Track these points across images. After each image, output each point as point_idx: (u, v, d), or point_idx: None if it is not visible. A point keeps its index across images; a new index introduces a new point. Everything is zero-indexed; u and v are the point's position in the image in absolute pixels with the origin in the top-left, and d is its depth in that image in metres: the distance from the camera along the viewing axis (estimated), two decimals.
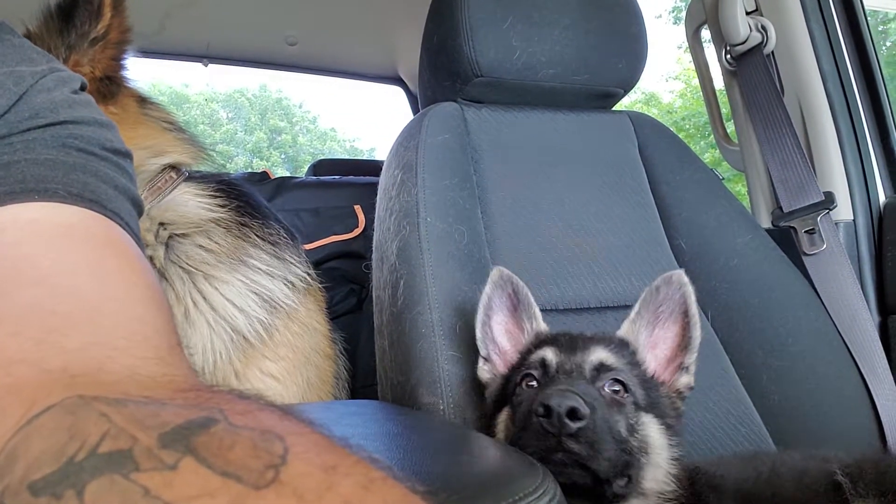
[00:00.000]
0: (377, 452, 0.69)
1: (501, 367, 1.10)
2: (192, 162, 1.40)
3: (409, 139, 1.45)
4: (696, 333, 1.05)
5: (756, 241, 1.55)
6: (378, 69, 3.06)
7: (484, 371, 1.11)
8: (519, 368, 1.03)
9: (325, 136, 23.24)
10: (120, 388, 0.45)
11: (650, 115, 1.87)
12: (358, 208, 2.33)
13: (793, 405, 1.35)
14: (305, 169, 3.14)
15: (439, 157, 1.41)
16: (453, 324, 1.19)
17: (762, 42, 1.72)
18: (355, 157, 22.66)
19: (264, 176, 2.38)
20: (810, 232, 1.58)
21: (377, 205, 1.49)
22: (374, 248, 1.46)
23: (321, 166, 2.93)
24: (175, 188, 1.35)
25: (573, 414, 0.80)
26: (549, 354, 0.99)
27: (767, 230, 1.64)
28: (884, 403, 1.33)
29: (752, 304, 1.46)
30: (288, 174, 2.71)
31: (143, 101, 1.38)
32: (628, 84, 1.67)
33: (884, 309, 1.59)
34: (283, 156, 21.65)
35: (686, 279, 1.06)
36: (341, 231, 2.27)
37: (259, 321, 1.31)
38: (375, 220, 1.48)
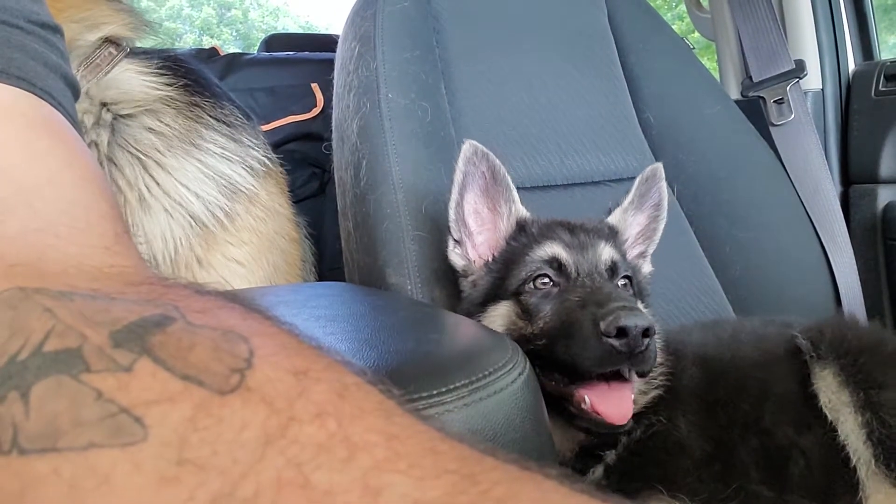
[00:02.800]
0: (345, 334, 0.68)
1: (473, 252, 1.07)
2: (132, 35, 1.28)
3: (365, 7, 1.35)
4: (661, 227, 1.12)
5: (725, 112, 1.52)
6: None
7: (455, 255, 1.07)
8: (513, 261, 1.00)
9: (277, 12, 21.97)
10: (64, 279, 0.41)
11: None
12: (315, 86, 2.21)
13: (753, 275, 1.38)
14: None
15: (399, 26, 1.33)
16: (419, 203, 1.16)
17: None
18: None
19: (213, 52, 2.23)
20: (779, 102, 1.56)
21: (335, 80, 1.41)
22: (333, 128, 1.40)
23: (274, 42, 2.76)
24: (115, 65, 1.25)
25: (646, 332, 0.80)
26: (561, 253, 0.96)
27: (736, 101, 1.61)
28: (842, 271, 1.37)
29: (718, 176, 1.46)
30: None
31: None
32: None
33: (846, 179, 1.60)
34: (233, 32, 20.47)
35: (662, 173, 1.11)
36: (299, 111, 2.17)
37: (218, 206, 1.26)
38: (334, 97, 1.41)
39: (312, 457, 0.29)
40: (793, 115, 1.53)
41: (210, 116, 1.30)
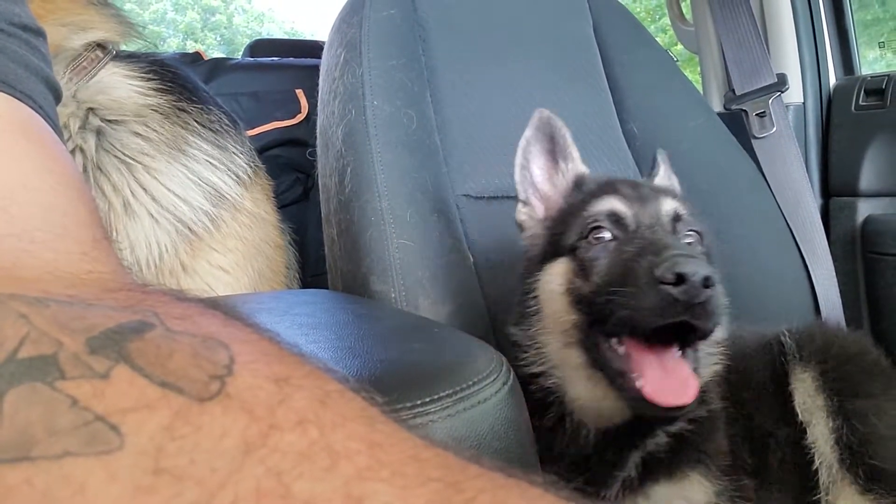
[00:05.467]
0: (328, 342, 0.67)
1: (541, 212, 1.06)
2: (119, 39, 1.27)
3: (352, 14, 1.35)
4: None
5: (708, 124, 1.54)
6: None
7: (522, 214, 1.07)
8: (571, 217, 0.95)
9: (261, 17, 21.92)
10: (40, 285, 0.40)
11: None
12: (300, 92, 2.21)
13: (734, 286, 1.38)
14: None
15: (385, 33, 1.33)
16: (404, 212, 1.16)
17: None
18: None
19: (197, 57, 2.21)
20: (761, 115, 1.58)
21: (320, 86, 1.40)
22: (318, 134, 1.40)
23: (258, 47, 2.74)
24: (102, 68, 1.23)
25: (706, 281, 0.74)
26: (619, 205, 0.91)
27: (718, 114, 1.63)
28: (822, 283, 1.39)
29: (700, 188, 1.47)
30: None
31: None
32: None
33: (826, 191, 1.62)
34: (218, 37, 20.38)
35: None
36: (283, 117, 2.17)
37: (205, 213, 1.26)
38: (318, 104, 1.40)
39: (293, 465, 0.29)
40: (774, 129, 1.55)
41: (197, 122, 1.29)
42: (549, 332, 0.91)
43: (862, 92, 1.58)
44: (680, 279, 0.74)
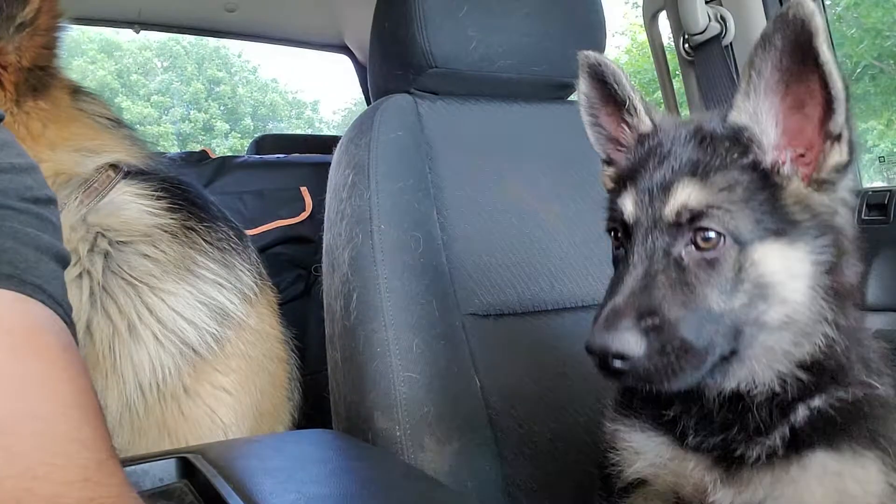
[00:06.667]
0: None
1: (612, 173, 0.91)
2: (133, 161, 1.29)
3: (360, 136, 1.37)
4: (838, 84, 0.70)
5: None
6: (323, 37, 2.90)
7: (606, 178, 0.91)
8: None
9: (265, 87, 22.45)
10: None
11: None
12: (304, 190, 2.23)
13: None
14: (245, 122, 2.99)
15: (393, 156, 1.34)
16: (410, 342, 1.14)
17: (721, 33, 1.68)
18: (297, 108, 22.02)
19: (204, 155, 2.24)
20: None
21: (326, 204, 1.41)
22: (324, 252, 1.40)
23: (264, 142, 2.80)
24: (113, 188, 1.25)
25: (621, 356, 0.67)
26: (629, 206, 0.76)
27: None
28: None
29: None
30: (228, 127, 2.57)
31: (76, 92, 1.26)
32: None
33: None
34: (222, 107, 20.84)
35: (809, 9, 0.68)
36: (287, 215, 2.18)
37: (210, 333, 1.25)
38: (325, 221, 1.41)
39: None
40: None
41: (205, 241, 1.30)
42: None
43: (865, 206, 1.59)
44: (592, 353, 0.69)
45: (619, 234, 0.80)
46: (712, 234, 0.72)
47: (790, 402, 0.76)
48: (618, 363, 0.68)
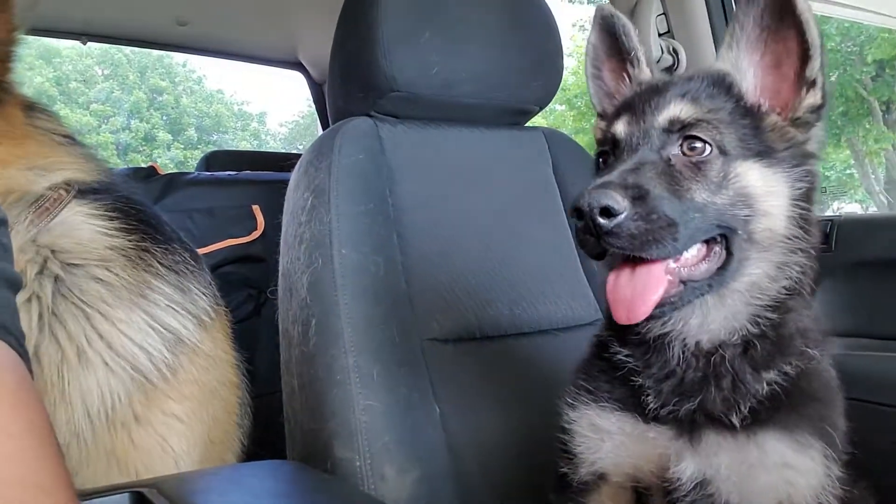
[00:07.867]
0: None
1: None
2: (87, 179, 1.23)
3: (319, 158, 1.35)
4: (814, 32, 0.80)
5: None
6: (278, 54, 2.86)
7: (600, 131, 0.96)
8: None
9: (211, 98, 21.99)
10: None
11: None
12: (256, 208, 2.18)
13: None
14: (189, 133, 2.92)
15: (354, 179, 1.33)
16: (370, 369, 1.13)
17: (673, 65, 1.74)
18: (243, 120, 21.65)
19: (152, 171, 2.18)
20: None
21: (283, 227, 1.39)
22: (280, 275, 1.37)
23: (215, 159, 2.73)
24: (64, 208, 1.19)
25: (606, 212, 0.72)
26: (621, 127, 0.85)
27: None
28: None
29: None
30: (170, 138, 2.51)
31: (30, 108, 1.20)
32: (545, 101, 1.65)
33: None
34: (164, 117, 20.30)
35: None
36: (239, 233, 2.13)
37: (162, 360, 1.20)
38: (282, 244, 1.38)
39: None
40: None
41: (160, 264, 1.25)
42: None
43: None
44: (579, 213, 0.74)
45: (609, 156, 0.85)
46: (699, 144, 0.80)
47: (750, 371, 0.82)
48: (603, 220, 0.72)
